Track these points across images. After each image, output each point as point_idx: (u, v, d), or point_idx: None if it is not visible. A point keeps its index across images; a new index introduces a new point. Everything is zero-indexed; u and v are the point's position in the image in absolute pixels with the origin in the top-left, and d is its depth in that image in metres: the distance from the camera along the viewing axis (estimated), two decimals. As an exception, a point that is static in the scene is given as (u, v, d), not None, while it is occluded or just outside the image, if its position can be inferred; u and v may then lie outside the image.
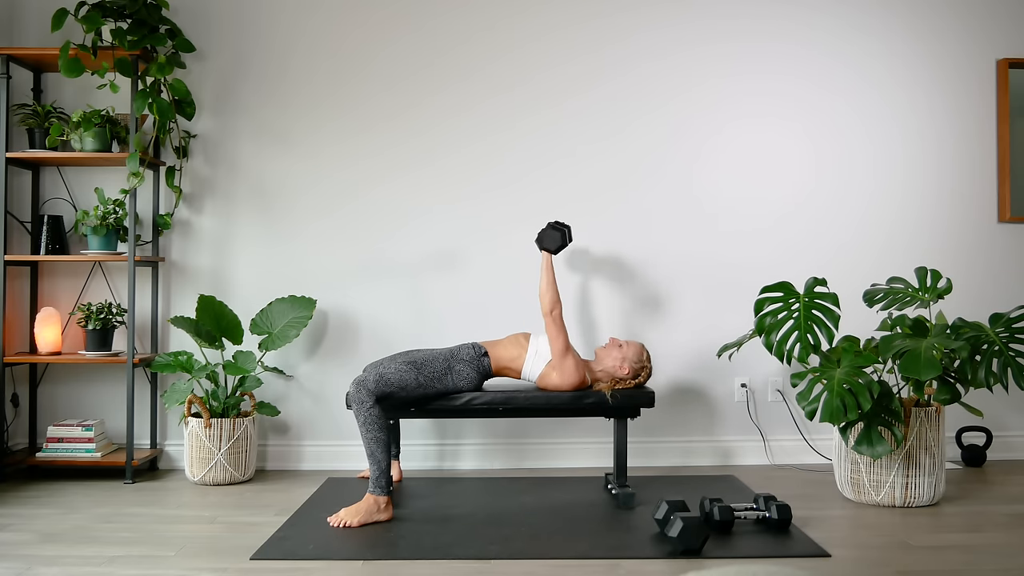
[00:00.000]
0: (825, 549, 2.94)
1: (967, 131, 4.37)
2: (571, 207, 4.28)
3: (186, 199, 4.28)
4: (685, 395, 4.30)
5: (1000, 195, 4.35)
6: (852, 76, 4.35)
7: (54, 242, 4.07)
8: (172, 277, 4.28)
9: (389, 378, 3.37)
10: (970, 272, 4.35)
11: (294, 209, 4.28)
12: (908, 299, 3.60)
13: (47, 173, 4.28)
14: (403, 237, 4.28)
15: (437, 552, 2.92)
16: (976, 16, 4.37)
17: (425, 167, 4.28)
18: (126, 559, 2.89)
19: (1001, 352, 3.35)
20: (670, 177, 4.31)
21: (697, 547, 2.88)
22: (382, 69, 4.29)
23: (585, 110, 4.30)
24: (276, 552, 2.93)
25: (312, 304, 4.10)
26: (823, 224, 4.34)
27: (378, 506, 3.27)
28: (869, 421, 3.36)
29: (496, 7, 4.30)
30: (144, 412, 4.24)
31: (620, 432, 3.58)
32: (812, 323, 3.54)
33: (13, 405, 4.21)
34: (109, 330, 4.02)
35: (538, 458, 4.27)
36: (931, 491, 3.48)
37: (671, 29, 4.32)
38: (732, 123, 4.32)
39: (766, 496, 3.24)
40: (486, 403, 3.54)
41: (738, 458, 4.30)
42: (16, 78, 4.19)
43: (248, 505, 3.58)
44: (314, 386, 4.27)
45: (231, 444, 3.88)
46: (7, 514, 3.43)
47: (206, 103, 4.28)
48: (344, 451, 4.23)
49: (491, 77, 4.29)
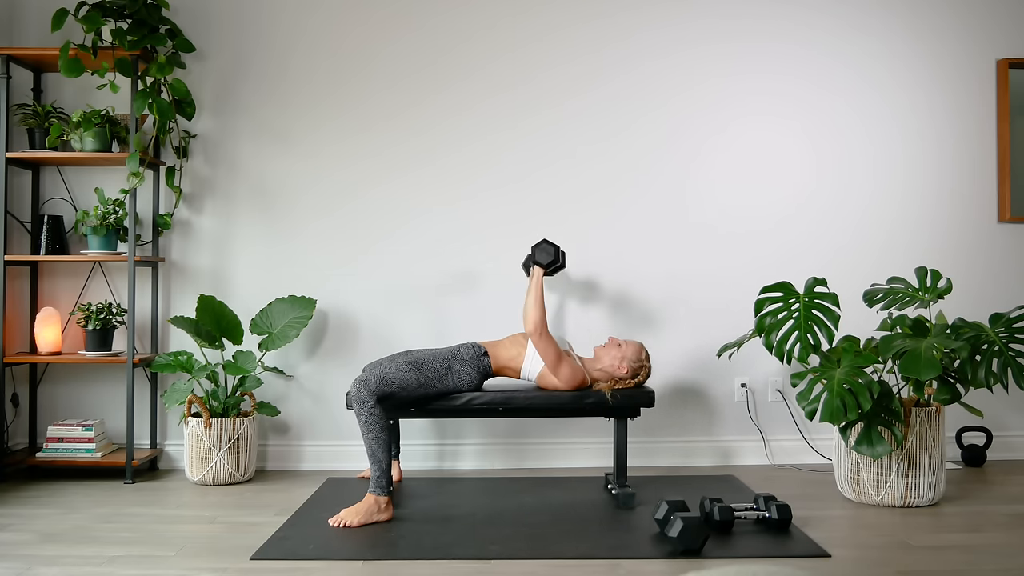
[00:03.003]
0: (825, 549, 2.94)
1: (967, 131, 4.37)
2: (571, 206, 4.28)
3: (186, 199, 4.28)
4: (685, 395, 4.30)
5: (1000, 195, 4.35)
6: (852, 76, 4.34)
7: (54, 242, 4.07)
8: (172, 277, 4.28)
9: (390, 378, 3.37)
10: (970, 272, 4.35)
11: (294, 209, 4.28)
12: (908, 299, 3.60)
13: (47, 173, 4.28)
14: (403, 237, 4.28)
15: (437, 552, 2.92)
16: (976, 16, 4.37)
17: (425, 167, 4.28)
18: (126, 559, 2.89)
19: (1001, 352, 3.35)
20: (670, 177, 4.31)
21: (697, 547, 2.88)
22: (382, 68, 4.29)
23: (586, 110, 4.30)
24: (276, 552, 2.93)
25: (312, 304, 4.10)
26: (823, 224, 4.33)
27: (379, 506, 3.27)
28: (869, 421, 3.36)
29: (497, 7, 4.29)
30: (144, 412, 4.24)
31: (620, 432, 3.58)
32: (812, 323, 3.54)
33: (13, 405, 4.21)
34: (109, 330, 4.02)
35: (538, 458, 4.27)
36: (931, 491, 3.48)
37: (673, 29, 4.31)
38: (734, 122, 4.32)
39: (766, 496, 3.24)
40: (486, 403, 3.54)
41: (738, 458, 4.30)
42: (16, 78, 4.19)
43: (248, 505, 3.58)
44: (314, 386, 4.27)
45: (231, 444, 3.88)
46: (7, 514, 3.43)
47: (206, 103, 4.28)
48: (344, 451, 4.23)
49: (491, 77, 4.29)
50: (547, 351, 3.50)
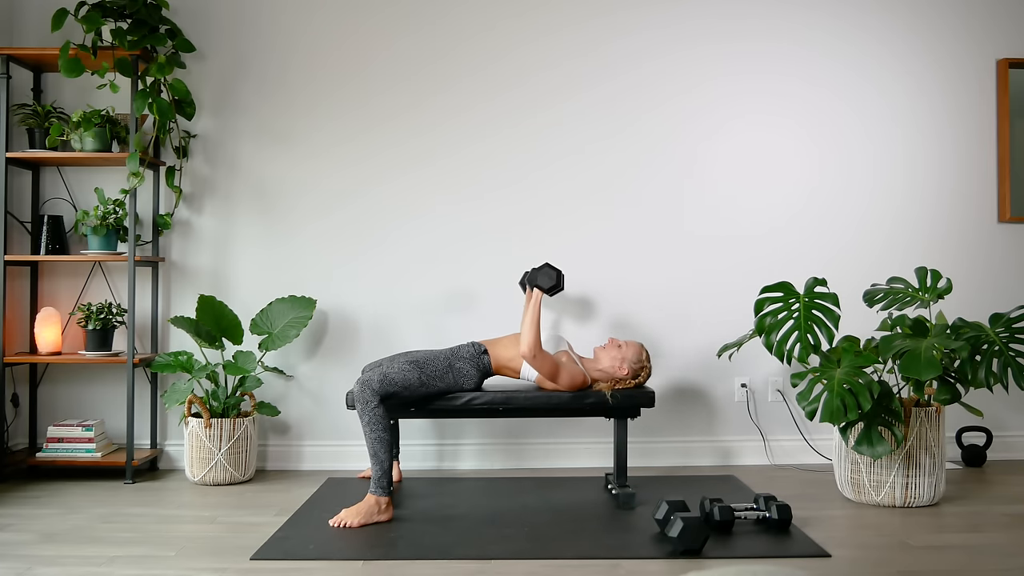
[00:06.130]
0: (825, 549, 2.94)
1: (967, 131, 4.37)
2: (570, 204, 4.28)
3: (186, 199, 4.28)
4: (685, 395, 4.30)
5: (1000, 195, 4.35)
6: (852, 76, 4.34)
7: (54, 242, 4.07)
8: (172, 277, 4.28)
9: (393, 377, 3.37)
10: (970, 272, 4.35)
11: (294, 209, 4.28)
12: (908, 299, 3.60)
13: (47, 173, 4.28)
14: (403, 237, 4.28)
15: (437, 552, 2.92)
16: (976, 16, 4.37)
17: (426, 167, 4.28)
18: (126, 559, 2.89)
19: (1001, 352, 3.35)
20: (669, 177, 4.31)
21: (697, 547, 2.88)
22: (382, 69, 4.29)
23: (586, 110, 4.29)
24: (276, 552, 2.93)
25: (312, 304, 4.10)
26: (824, 223, 4.33)
27: (379, 506, 3.27)
28: (869, 421, 3.36)
29: (496, 8, 4.29)
30: (144, 412, 4.24)
31: (620, 432, 3.58)
32: (812, 323, 3.54)
33: (13, 405, 4.21)
34: (109, 330, 4.02)
35: (538, 458, 4.27)
36: (931, 491, 3.48)
37: (674, 28, 4.32)
38: (732, 122, 4.32)
39: (766, 496, 3.24)
40: (486, 403, 3.55)
41: (738, 458, 4.30)
42: (16, 78, 4.19)
43: (248, 505, 3.58)
44: (314, 386, 4.27)
45: (231, 444, 3.88)
46: (7, 514, 3.43)
47: (206, 103, 4.28)
48: (344, 451, 4.23)
49: (492, 76, 4.29)
50: (543, 367, 3.51)
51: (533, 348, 3.48)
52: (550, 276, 3.62)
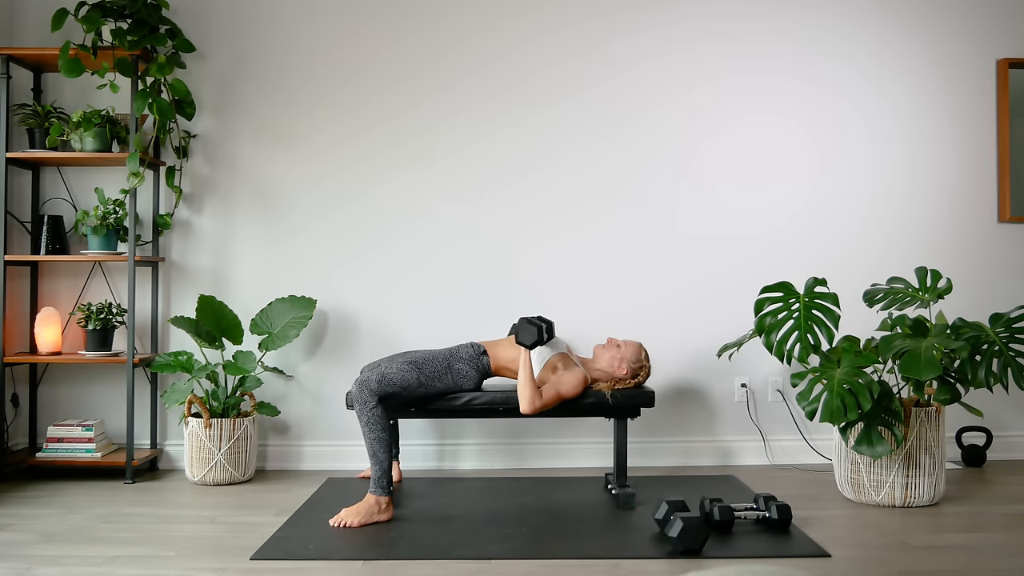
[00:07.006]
0: (825, 549, 2.94)
1: (967, 131, 4.37)
2: (569, 201, 4.28)
3: (186, 199, 4.28)
4: (685, 395, 4.30)
5: (1000, 195, 4.35)
6: (853, 76, 4.34)
7: (54, 242, 4.07)
8: (172, 277, 4.28)
9: (392, 378, 3.37)
10: (970, 272, 4.35)
11: (294, 209, 4.28)
12: (908, 299, 3.60)
13: (47, 173, 4.28)
14: (403, 237, 4.28)
15: (437, 552, 2.92)
16: (976, 16, 4.37)
17: (426, 167, 4.28)
18: (126, 559, 2.89)
19: (1001, 352, 3.35)
20: (669, 177, 4.31)
21: (697, 547, 2.88)
22: (382, 69, 4.29)
23: (587, 109, 4.29)
24: (276, 552, 2.93)
25: (312, 304, 4.10)
26: (825, 223, 4.33)
27: (379, 506, 3.27)
28: (869, 421, 3.36)
29: (495, 8, 4.29)
30: (144, 412, 4.24)
31: (620, 432, 3.57)
32: (812, 323, 3.54)
33: (13, 405, 4.21)
34: (109, 330, 4.02)
35: (538, 458, 4.27)
36: (931, 491, 3.48)
37: (673, 28, 4.32)
38: (732, 121, 4.32)
39: (766, 496, 3.24)
40: (486, 403, 3.55)
41: (738, 458, 4.30)
42: (16, 78, 4.19)
43: (248, 505, 3.58)
44: (314, 386, 4.27)
45: (231, 444, 3.88)
46: (7, 514, 3.43)
47: (206, 103, 4.28)
48: (344, 451, 4.23)
49: (492, 76, 4.29)
50: (549, 405, 3.47)
51: (532, 404, 3.44)
52: (530, 333, 3.45)
